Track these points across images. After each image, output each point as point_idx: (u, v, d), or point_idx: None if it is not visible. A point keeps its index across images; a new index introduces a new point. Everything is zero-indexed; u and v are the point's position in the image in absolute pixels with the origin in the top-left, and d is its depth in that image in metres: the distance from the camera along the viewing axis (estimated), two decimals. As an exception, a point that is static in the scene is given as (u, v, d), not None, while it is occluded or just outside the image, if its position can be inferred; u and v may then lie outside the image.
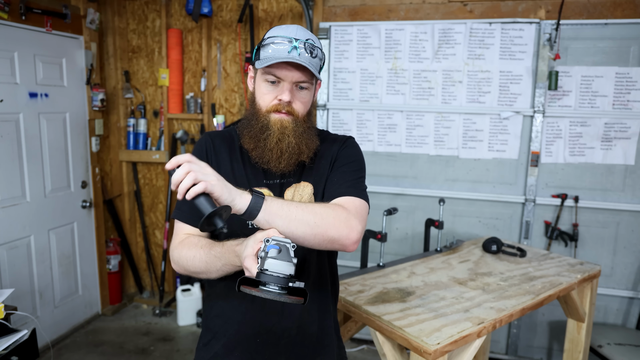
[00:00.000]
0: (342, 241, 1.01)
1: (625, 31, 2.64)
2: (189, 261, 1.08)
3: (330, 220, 0.99)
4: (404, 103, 2.98)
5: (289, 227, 0.96)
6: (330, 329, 1.22)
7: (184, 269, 1.11)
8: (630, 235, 2.77)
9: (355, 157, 1.19)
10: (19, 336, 1.78)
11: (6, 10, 2.57)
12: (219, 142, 1.20)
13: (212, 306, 1.20)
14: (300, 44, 1.05)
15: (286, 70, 1.07)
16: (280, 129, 1.09)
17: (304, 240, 0.99)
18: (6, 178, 2.70)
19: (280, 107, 1.09)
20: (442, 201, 2.41)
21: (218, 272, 1.05)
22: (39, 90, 2.89)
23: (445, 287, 1.84)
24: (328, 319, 1.22)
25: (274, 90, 1.09)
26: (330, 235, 0.99)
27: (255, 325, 1.13)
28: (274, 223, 0.94)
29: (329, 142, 1.22)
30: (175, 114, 3.47)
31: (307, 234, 0.98)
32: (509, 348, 2.99)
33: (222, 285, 1.16)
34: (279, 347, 1.13)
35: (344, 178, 1.14)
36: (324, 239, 0.99)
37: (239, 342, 1.14)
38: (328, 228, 0.99)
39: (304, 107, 1.13)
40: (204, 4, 3.22)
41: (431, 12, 2.92)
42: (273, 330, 1.13)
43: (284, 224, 0.95)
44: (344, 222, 1.01)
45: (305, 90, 1.11)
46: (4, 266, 2.69)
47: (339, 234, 1.00)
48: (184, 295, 3.41)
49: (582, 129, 2.77)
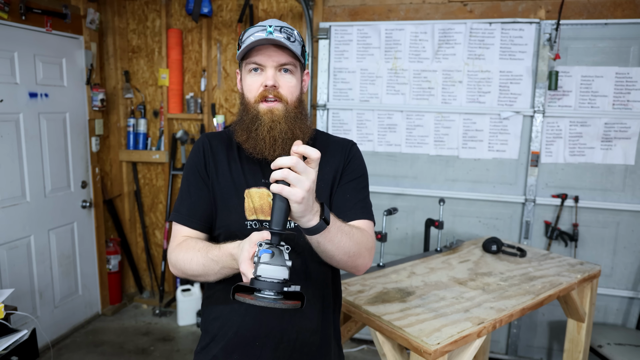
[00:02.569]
0: (359, 268, 1.07)
1: (625, 31, 2.64)
2: (186, 264, 1.07)
3: (362, 250, 1.03)
4: (404, 103, 2.98)
5: (333, 252, 0.97)
6: (330, 338, 1.21)
7: (181, 272, 1.10)
8: (630, 235, 2.77)
9: (362, 170, 1.20)
10: (19, 336, 1.78)
11: (6, 10, 2.57)
12: (216, 142, 1.19)
13: (210, 309, 1.19)
14: (275, 29, 1.06)
15: (265, 55, 1.07)
16: (271, 117, 1.07)
17: (335, 261, 1.02)
18: (6, 178, 2.70)
19: (267, 94, 1.08)
20: (442, 201, 2.41)
21: (216, 275, 1.04)
22: (39, 90, 2.89)
23: (445, 287, 1.84)
24: (328, 328, 1.20)
25: (259, 79, 1.09)
26: (356, 263, 1.05)
27: (254, 328, 1.11)
28: (324, 246, 0.95)
29: (332, 146, 1.20)
30: (175, 114, 3.47)
31: (342, 259, 1.01)
32: (509, 348, 2.99)
33: (221, 287, 1.15)
34: (278, 352, 1.12)
35: (357, 197, 1.16)
36: (351, 264, 1.04)
37: (238, 345, 1.13)
38: (359, 257, 1.03)
39: (292, 91, 1.10)
40: (204, 4, 3.22)
41: (431, 12, 2.92)
42: (272, 333, 1.11)
43: (331, 249, 0.96)
44: (369, 252, 1.07)
45: (290, 73, 1.10)
46: (4, 266, 2.69)
47: (363, 263, 1.06)
48: (184, 295, 3.41)
49: (582, 129, 2.77)
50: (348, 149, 1.20)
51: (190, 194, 1.15)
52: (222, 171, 1.15)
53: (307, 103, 3.16)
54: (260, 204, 1.11)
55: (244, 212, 1.11)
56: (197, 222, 1.14)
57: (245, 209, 1.11)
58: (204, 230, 1.15)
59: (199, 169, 1.16)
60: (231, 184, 1.13)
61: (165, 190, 3.68)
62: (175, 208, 1.17)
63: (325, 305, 1.19)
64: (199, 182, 1.15)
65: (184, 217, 1.14)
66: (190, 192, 1.15)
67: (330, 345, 1.21)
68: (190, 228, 1.14)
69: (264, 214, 1.10)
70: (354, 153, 1.20)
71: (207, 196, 1.14)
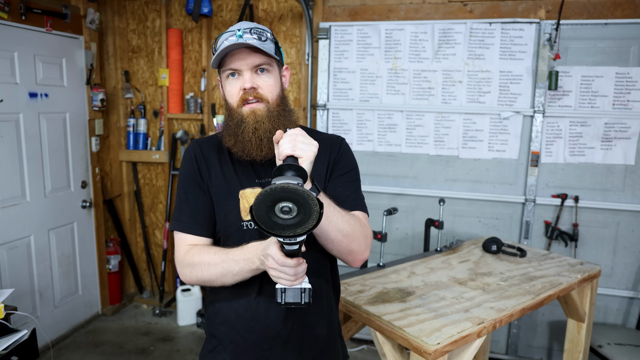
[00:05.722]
0: (355, 255, 1.07)
1: (625, 31, 2.64)
2: (203, 270, 1.07)
3: (357, 234, 1.04)
4: (404, 103, 2.98)
5: (327, 230, 0.98)
6: (335, 331, 1.23)
7: (196, 278, 1.10)
8: (630, 235, 2.77)
9: (353, 164, 1.22)
10: (19, 336, 1.78)
11: (6, 10, 2.57)
12: (207, 147, 1.20)
13: (215, 313, 1.19)
14: (245, 31, 1.07)
15: (239, 59, 1.08)
16: (254, 117, 1.09)
17: (330, 243, 1.02)
18: (6, 178, 2.70)
19: (247, 96, 1.09)
20: (442, 201, 2.41)
21: (234, 277, 1.05)
22: (39, 90, 2.89)
23: (445, 287, 1.84)
24: (333, 321, 1.22)
25: (237, 83, 1.10)
26: (351, 248, 1.05)
27: (261, 332, 1.12)
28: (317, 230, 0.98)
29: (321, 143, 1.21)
30: (175, 114, 3.47)
31: (336, 239, 1.01)
32: (509, 348, 2.99)
33: (227, 292, 1.15)
34: (287, 351, 1.13)
35: (349, 189, 1.17)
36: (346, 249, 1.04)
37: (247, 349, 1.13)
38: (354, 239, 1.03)
39: (271, 90, 1.11)
40: (204, 4, 3.22)
41: (431, 12, 2.92)
42: (280, 334, 1.12)
43: (324, 226, 0.97)
44: (365, 239, 1.07)
45: (267, 72, 1.11)
46: (4, 266, 2.69)
47: (359, 249, 1.06)
48: (184, 295, 3.41)
49: (582, 129, 2.77)
50: (338, 145, 1.21)
51: (189, 201, 1.15)
52: (215, 175, 1.15)
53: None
54: None
55: (240, 214, 1.11)
56: (200, 228, 1.14)
57: (240, 210, 1.12)
58: (209, 235, 1.15)
59: (194, 176, 1.16)
60: (225, 187, 1.14)
61: (165, 190, 3.68)
62: (175, 217, 1.16)
63: (327, 298, 1.20)
64: (195, 188, 1.15)
65: (187, 225, 1.14)
66: (189, 200, 1.15)
67: (335, 337, 1.23)
68: (194, 235, 1.14)
69: None
70: (343, 148, 1.22)
71: (206, 201, 1.15)
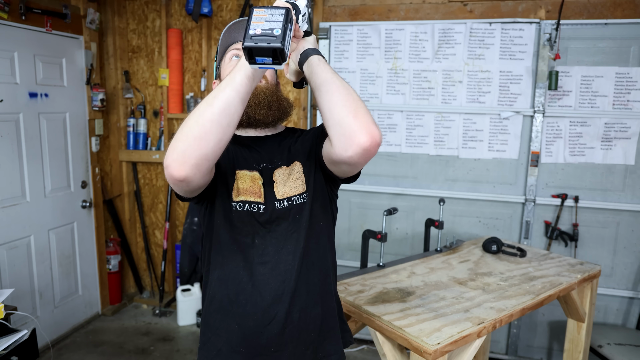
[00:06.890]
0: (362, 122, 0.92)
1: (625, 31, 2.64)
2: (190, 124, 0.92)
3: (360, 104, 0.95)
4: (404, 103, 2.98)
5: (329, 81, 0.97)
6: (333, 311, 1.22)
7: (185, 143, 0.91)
8: (630, 235, 2.77)
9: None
10: (19, 336, 1.78)
11: (6, 10, 2.57)
12: None
13: (210, 299, 1.19)
14: None
15: None
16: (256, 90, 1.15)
17: (333, 103, 0.94)
18: (6, 178, 2.70)
19: None
20: (442, 201, 2.41)
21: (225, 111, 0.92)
22: (39, 90, 2.89)
23: (445, 287, 1.84)
24: (330, 300, 1.21)
25: None
26: (358, 112, 0.93)
27: (257, 317, 1.12)
28: (318, 68, 0.99)
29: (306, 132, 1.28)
30: (175, 114, 3.47)
31: (340, 100, 0.94)
32: (509, 348, 2.99)
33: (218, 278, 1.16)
34: (285, 336, 1.13)
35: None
36: (351, 106, 0.93)
37: (243, 337, 1.13)
38: (359, 106, 0.94)
39: (270, 73, 1.21)
40: (204, 4, 3.22)
41: (431, 12, 2.92)
42: (276, 319, 1.12)
43: (325, 75, 0.98)
44: (368, 113, 0.95)
45: None
46: (4, 266, 2.69)
47: (364, 117, 0.93)
48: (184, 295, 3.41)
49: (582, 129, 2.77)
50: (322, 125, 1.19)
51: None
52: None
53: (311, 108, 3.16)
54: (249, 185, 1.14)
55: (231, 193, 1.14)
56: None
57: (232, 189, 1.14)
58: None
59: None
60: (227, 161, 1.16)
61: (165, 190, 3.68)
62: None
63: (324, 278, 1.20)
64: None
65: None
66: None
67: (333, 317, 1.22)
68: None
69: (253, 195, 1.13)
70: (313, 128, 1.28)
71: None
